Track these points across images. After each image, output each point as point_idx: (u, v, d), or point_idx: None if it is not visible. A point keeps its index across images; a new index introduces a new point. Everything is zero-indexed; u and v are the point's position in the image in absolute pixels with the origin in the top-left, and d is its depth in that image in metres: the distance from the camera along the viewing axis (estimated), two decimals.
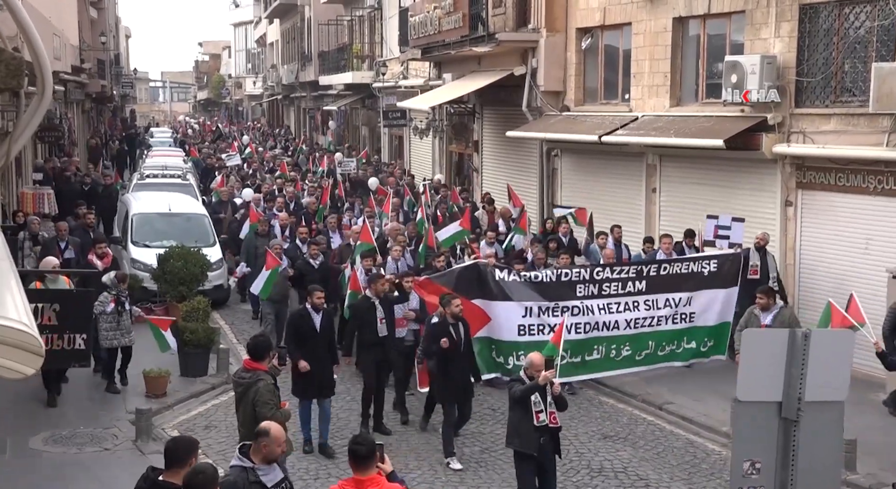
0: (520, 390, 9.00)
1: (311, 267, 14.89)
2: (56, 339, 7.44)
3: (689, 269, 13.78)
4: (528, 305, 13.21)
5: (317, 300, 11.24)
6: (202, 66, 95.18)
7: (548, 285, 13.32)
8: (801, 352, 5.65)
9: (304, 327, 11.15)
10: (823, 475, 5.73)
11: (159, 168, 26.90)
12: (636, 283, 13.50)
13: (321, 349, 11.17)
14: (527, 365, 9.18)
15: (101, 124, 50.24)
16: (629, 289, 13.47)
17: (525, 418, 9.00)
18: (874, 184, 13.48)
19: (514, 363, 12.94)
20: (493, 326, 13.14)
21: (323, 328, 11.22)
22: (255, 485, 6.58)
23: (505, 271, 13.36)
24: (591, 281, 13.41)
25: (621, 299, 13.46)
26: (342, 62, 38.29)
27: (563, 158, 20.86)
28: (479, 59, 22.89)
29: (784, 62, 14.57)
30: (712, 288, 13.79)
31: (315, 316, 11.20)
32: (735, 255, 14.02)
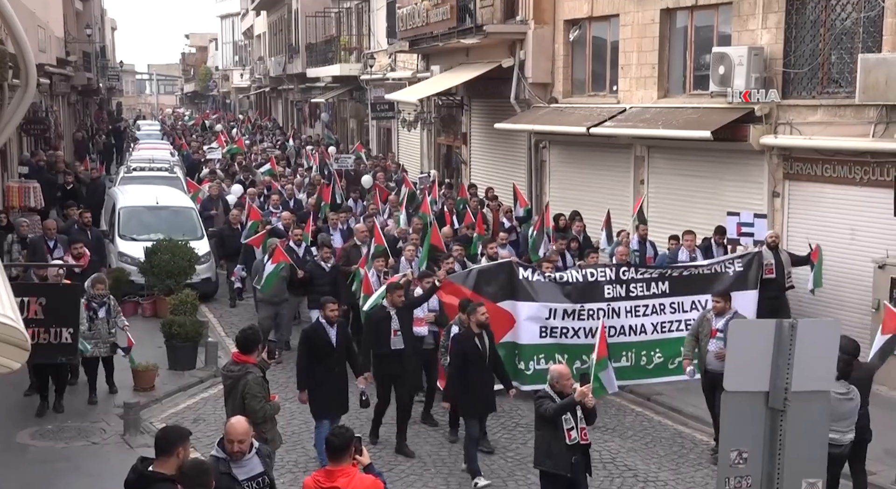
0: (553, 408, 8.29)
1: (321, 270, 14.32)
2: (42, 333, 7.43)
3: (713, 270, 12.95)
4: (552, 307, 12.49)
5: (330, 313, 10.52)
6: (189, 58, 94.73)
7: (574, 286, 12.60)
8: (787, 342, 5.66)
9: (319, 342, 10.46)
10: (810, 464, 5.76)
11: (146, 161, 26.78)
12: (659, 284, 12.74)
13: (338, 365, 10.53)
14: (553, 378, 8.52)
15: (88, 117, 50.00)
16: (654, 291, 12.71)
17: (556, 437, 8.37)
18: (860, 174, 13.53)
19: (535, 368, 12.38)
20: (517, 330, 12.44)
21: (339, 342, 10.50)
22: (224, 477, 6.65)
23: (529, 270, 12.71)
24: (617, 281, 12.64)
25: (648, 301, 12.68)
26: (330, 54, 38.20)
27: (551, 150, 20.86)
28: (466, 51, 22.86)
29: (771, 53, 14.60)
30: (740, 289, 12.72)
31: (330, 329, 10.50)
32: (755, 255, 13.25)
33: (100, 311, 12.14)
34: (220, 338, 15.65)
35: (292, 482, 10.19)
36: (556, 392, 8.45)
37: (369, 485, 6.59)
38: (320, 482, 6.52)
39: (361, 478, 6.64)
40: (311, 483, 6.58)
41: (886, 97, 12.48)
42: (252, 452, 6.86)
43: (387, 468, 10.29)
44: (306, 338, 10.63)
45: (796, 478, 5.74)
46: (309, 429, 11.74)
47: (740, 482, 5.72)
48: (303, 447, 11.24)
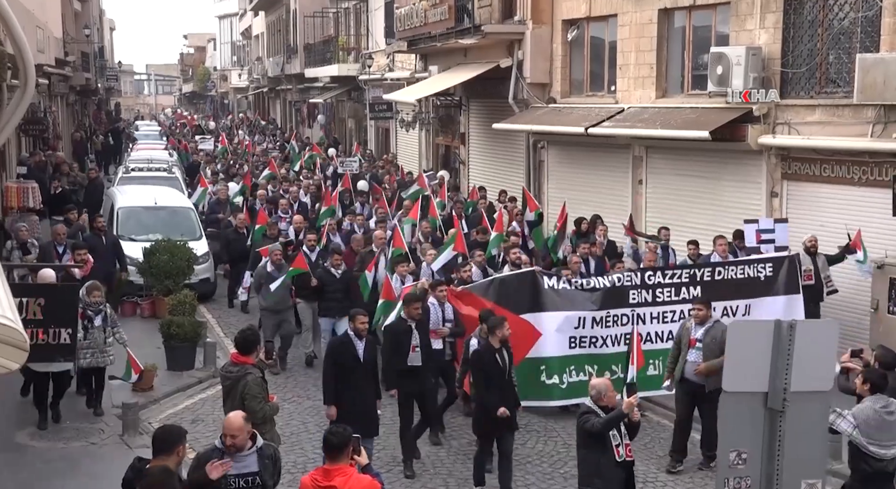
0: (600, 423, 7.84)
1: (332, 277, 13.89)
2: (41, 334, 7.41)
3: (745, 274, 12.21)
4: (581, 315, 11.81)
5: (360, 325, 9.95)
6: (187, 58, 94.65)
7: (601, 293, 11.93)
8: (786, 342, 5.67)
9: (346, 356, 9.89)
10: (809, 465, 5.76)
11: (144, 161, 26.76)
12: (690, 289, 11.96)
13: (364, 381, 9.95)
14: (598, 393, 8.09)
15: (86, 117, 49.96)
16: (683, 296, 11.96)
17: (605, 455, 7.92)
18: (859, 174, 13.54)
19: (568, 381, 11.82)
20: (544, 342, 11.69)
21: (366, 358, 9.99)
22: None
23: (554, 278, 12.03)
24: (642, 286, 11.98)
25: (676, 307, 11.95)
26: (328, 54, 38.19)
27: (549, 150, 20.87)
28: (465, 52, 22.86)
29: (769, 53, 14.60)
30: (771, 294, 12.20)
31: (358, 343, 9.94)
32: (791, 258, 12.48)
33: (95, 319, 11.61)
34: (219, 339, 15.64)
35: (291, 483, 10.16)
36: (599, 407, 8.04)
37: (366, 485, 6.59)
38: (318, 481, 6.53)
39: (358, 477, 6.64)
40: (309, 482, 6.59)
41: (884, 97, 12.49)
42: (252, 450, 6.85)
43: (385, 468, 10.29)
44: (332, 352, 10.17)
45: (795, 479, 5.75)
46: (307, 430, 11.76)
47: (739, 483, 5.73)
48: (301, 448, 11.24)
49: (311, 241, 15.22)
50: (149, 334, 14.76)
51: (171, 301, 14.92)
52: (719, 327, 10.43)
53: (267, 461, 6.89)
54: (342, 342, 10.14)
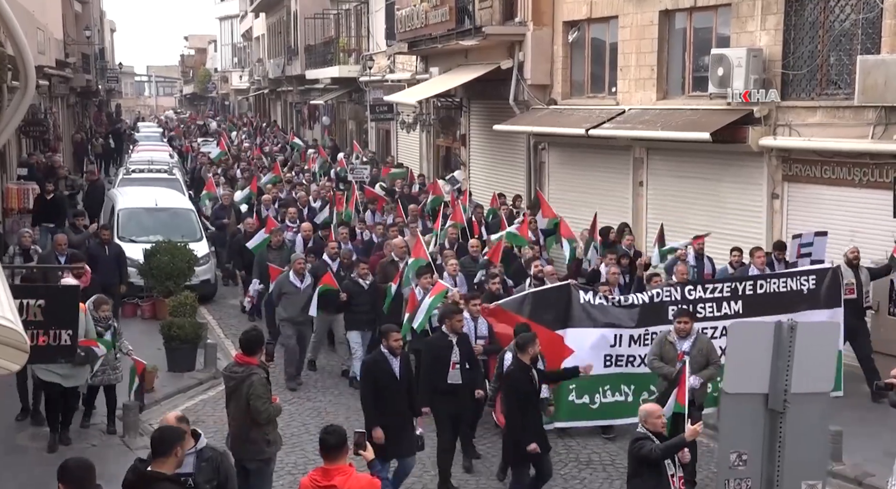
0: (660, 449, 7.33)
1: (360, 287, 13.24)
2: (41, 335, 7.39)
3: (788, 287, 11.63)
4: (617, 333, 11.27)
5: (394, 343, 9.56)
6: (188, 60, 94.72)
7: (639, 309, 11.33)
8: (787, 344, 5.67)
9: (382, 375, 9.49)
10: (809, 466, 5.76)
11: (145, 163, 26.77)
12: (731, 304, 11.35)
13: (401, 400, 9.54)
14: (646, 416, 7.62)
15: (87, 119, 49.98)
16: (725, 312, 11.30)
17: (661, 484, 7.45)
18: (859, 176, 13.54)
19: (602, 401, 11.35)
20: (575, 360, 10.96)
21: (402, 375, 9.58)
22: None
23: (590, 293, 11.44)
24: (683, 301, 11.31)
25: (718, 324, 11.19)
26: (329, 56, 38.18)
27: (550, 152, 20.86)
28: (465, 53, 22.86)
29: (770, 55, 14.61)
30: (815, 308, 11.59)
31: (393, 361, 9.54)
32: (834, 270, 11.94)
33: (105, 335, 11.03)
34: (220, 340, 15.65)
35: (291, 484, 10.18)
36: (652, 432, 7.56)
37: (366, 485, 6.59)
38: (317, 481, 6.53)
39: (358, 477, 6.65)
40: (308, 483, 6.59)
41: (885, 98, 12.49)
42: (192, 450, 6.79)
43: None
44: (368, 371, 9.75)
45: (796, 480, 5.75)
46: (308, 431, 11.75)
47: (740, 484, 5.73)
48: (301, 449, 11.23)
49: (332, 248, 14.60)
50: (149, 336, 14.76)
51: (171, 302, 14.92)
52: (704, 339, 10.27)
53: (204, 464, 6.82)
54: (376, 360, 9.70)
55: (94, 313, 10.98)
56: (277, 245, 15.59)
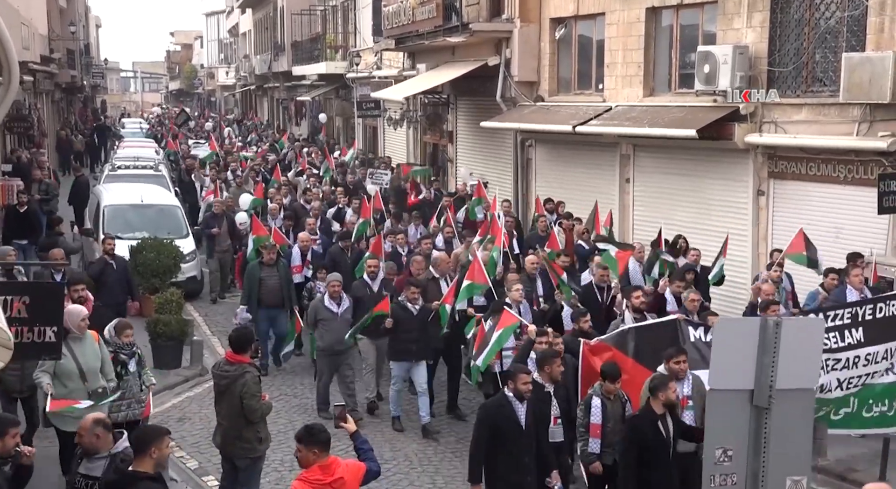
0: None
1: (408, 313, 11.70)
2: (26, 332, 7.36)
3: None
4: None
5: (522, 386, 8.28)
6: (174, 56, 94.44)
7: None
8: (772, 340, 5.69)
9: (505, 422, 8.24)
10: (794, 461, 5.79)
11: (131, 159, 26.66)
12: (853, 332, 9.53)
13: (526, 454, 8.26)
14: None
15: (72, 115, 49.73)
16: (849, 342, 9.50)
17: None
18: (845, 173, 13.59)
19: None
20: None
21: (529, 424, 8.32)
22: (76, 464, 6.96)
23: (700, 329, 9.93)
24: None
25: (841, 356, 9.36)
26: (315, 52, 38.12)
27: (537, 148, 20.88)
28: (452, 50, 22.85)
29: (756, 52, 14.65)
30: None
31: (519, 407, 8.28)
32: None
33: (129, 364, 9.67)
34: (206, 337, 15.61)
35: (278, 481, 10.18)
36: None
37: (357, 469, 6.79)
38: (321, 479, 6.50)
39: (347, 463, 6.77)
40: (309, 486, 6.49)
41: (870, 96, 12.54)
42: (106, 454, 6.80)
43: None
44: (487, 416, 8.39)
45: (781, 476, 5.77)
46: (294, 428, 11.65)
47: (725, 479, 5.75)
48: (288, 445, 11.17)
49: (372, 267, 12.78)
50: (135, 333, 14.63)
51: (157, 299, 14.86)
52: (698, 380, 9.07)
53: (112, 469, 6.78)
54: (500, 405, 8.36)
55: (117, 339, 9.70)
56: (271, 261, 13.84)
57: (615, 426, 8.72)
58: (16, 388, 9.93)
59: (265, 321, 13.79)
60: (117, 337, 9.74)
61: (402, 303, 11.83)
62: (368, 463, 6.87)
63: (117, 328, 9.83)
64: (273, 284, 13.70)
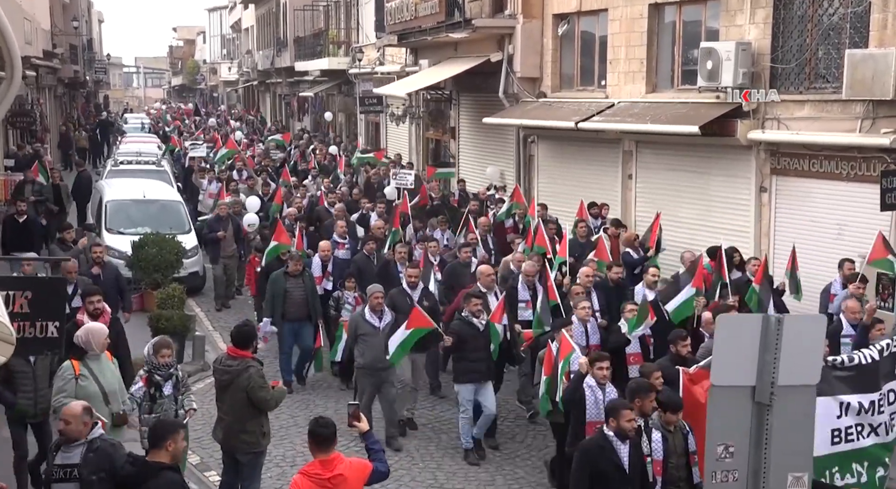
0: None
1: (474, 329, 10.64)
2: (28, 327, 7.38)
3: None
4: (844, 400, 8.55)
5: (626, 424, 7.38)
6: (176, 51, 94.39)
7: (866, 369, 8.67)
8: (774, 337, 5.68)
9: (606, 465, 7.39)
10: (796, 458, 5.78)
11: (133, 154, 26.68)
12: None
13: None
14: None
15: (74, 110, 49.75)
16: None
17: None
18: (847, 170, 13.57)
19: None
20: None
21: (633, 466, 7.43)
22: (50, 455, 6.91)
23: None
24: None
25: None
26: (318, 48, 38.11)
27: (539, 145, 20.87)
28: (455, 46, 22.83)
29: (759, 49, 14.62)
30: None
31: (621, 448, 7.40)
32: None
33: (165, 387, 8.83)
34: (208, 333, 15.63)
35: (280, 476, 10.20)
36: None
37: (363, 466, 6.75)
38: (320, 475, 6.50)
39: (352, 461, 6.75)
40: (309, 480, 6.49)
41: (873, 92, 12.52)
42: (82, 442, 6.75)
43: None
44: (586, 457, 7.50)
45: (782, 472, 5.77)
46: (296, 424, 11.74)
47: (727, 476, 5.74)
48: (290, 441, 11.23)
49: (412, 277, 11.98)
50: (137, 328, 14.63)
51: (159, 295, 14.88)
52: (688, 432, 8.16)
53: (91, 454, 6.73)
54: (600, 446, 7.48)
55: (154, 358, 8.91)
56: (297, 272, 12.87)
57: (678, 461, 7.85)
58: (29, 413, 9.20)
59: (290, 335, 12.84)
60: (154, 356, 8.90)
61: (467, 319, 10.69)
62: (376, 463, 6.83)
63: (156, 346, 8.99)
64: (298, 296, 12.72)
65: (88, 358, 8.37)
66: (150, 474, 6.32)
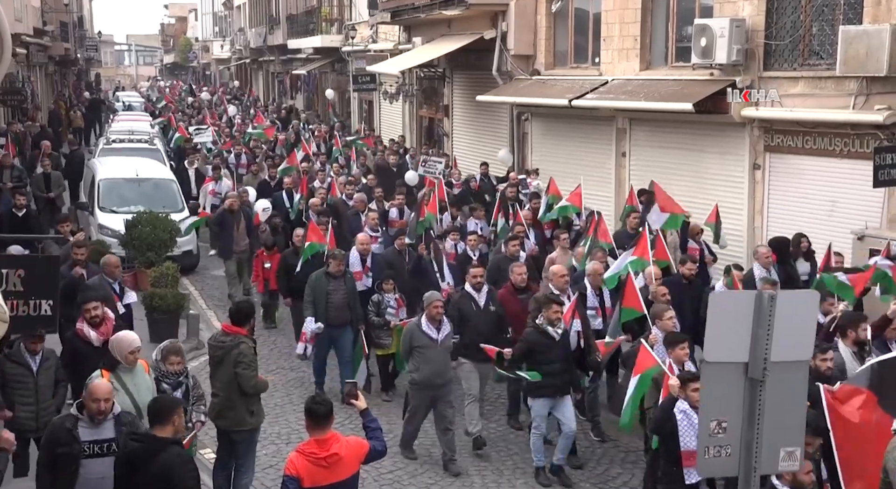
0: None
1: (549, 339, 9.57)
2: (21, 305, 7.37)
3: None
4: None
5: (805, 476, 6.52)
6: (168, 29, 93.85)
7: None
8: (767, 313, 5.69)
9: None
10: (788, 433, 5.81)
11: (126, 133, 26.54)
12: None
13: None
14: None
15: (66, 88, 49.46)
16: None
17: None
18: (840, 146, 13.59)
19: None
20: None
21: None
22: (67, 434, 6.68)
23: None
24: None
25: None
26: (311, 26, 37.89)
27: (533, 122, 20.83)
28: (448, 23, 22.72)
29: (753, 25, 14.58)
30: None
31: None
32: None
33: (175, 395, 8.00)
34: (202, 311, 15.63)
35: (275, 453, 10.24)
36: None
37: (359, 444, 6.77)
38: (315, 454, 6.51)
39: (349, 440, 6.77)
40: (304, 459, 6.51)
41: (866, 69, 12.51)
42: (110, 416, 6.78)
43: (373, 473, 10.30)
44: None
45: (775, 447, 5.80)
46: (291, 402, 11.78)
47: (719, 451, 5.77)
48: (285, 419, 11.27)
49: (476, 277, 10.72)
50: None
51: (153, 273, 14.86)
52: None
53: (123, 427, 6.79)
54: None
55: (161, 365, 8.24)
56: (339, 273, 11.74)
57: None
58: (30, 428, 8.45)
59: (326, 340, 11.73)
60: (163, 362, 8.23)
61: (542, 326, 9.62)
62: (374, 442, 6.85)
63: (164, 352, 8.29)
64: (339, 300, 11.61)
65: (121, 370, 7.73)
66: (157, 449, 6.36)
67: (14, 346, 8.52)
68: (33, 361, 8.53)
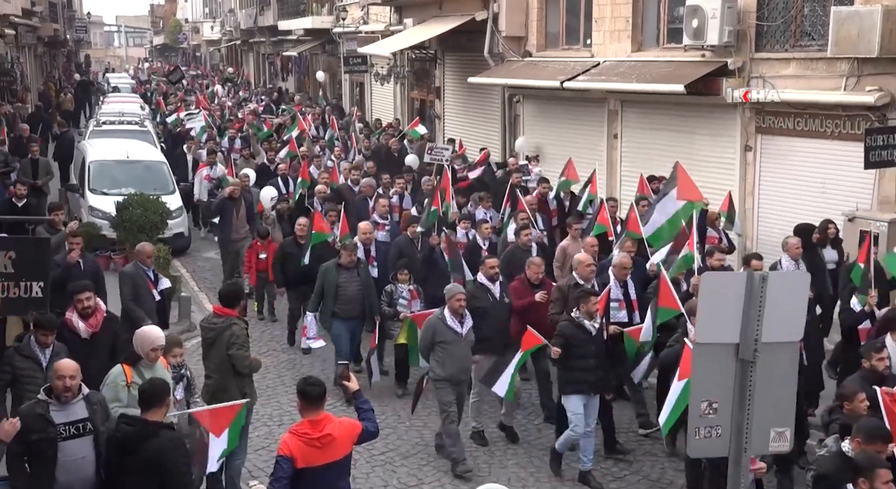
0: None
1: (585, 333, 9.16)
2: (12, 287, 7.36)
3: None
4: None
5: (883, 485, 6.03)
6: (158, 10, 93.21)
7: None
8: (758, 294, 5.71)
9: None
10: (778, 413, 5.85)
11: (116, 115, 26.41)
12: None
13: None
14: None
15: (56, 69, 49.17)
16: None
17: None
18: (832, 128, 13.60)
19: None
20: None
21: None
22: (39, 419, 6.55)
23: None
24: None
25: None
26: (301, 7, 37.71)
27: (525, 104, 20.79)
28: (440, 4, 22.64)
29: (744, 6, 14.56)
30: None
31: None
32: None
33: (176, 391, 7.83)
34: (194, 293, 15.62)
35: (267, 435, 10.26)
36: None
37: (352, 425, 6.78)
38: (308, 434, 6.52)
39: (342, 421, 6.78)
40: (297, 440, 6.51)
41: (858, 50, 12.51)
42: (79, 397, 6.71)
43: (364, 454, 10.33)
44: None
45: (765, 428, 5.84)
46: (283, 383, 11.79)
47: (710, 432, 5.80)
48: (277, 401, 11.28)
49: (492, 267, 10.34)
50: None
51: None
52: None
53: (95, 406, 6.72)
54: None
55: None
56: (351, 264, 11.39)
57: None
58: None
59: (345, 334, 11.35)
60: (166, 357, 8.01)
61: (578, 320, 9.14)
62: (366, 423, 6.86)
63: (166, 345, 8.03)
64: (353, 292, 11.27)
65: (142, 365, 7.52)
66: (150, 433, 6.37)
67: (24, 340, 8.24)
68: (43, 355, 8.11)
